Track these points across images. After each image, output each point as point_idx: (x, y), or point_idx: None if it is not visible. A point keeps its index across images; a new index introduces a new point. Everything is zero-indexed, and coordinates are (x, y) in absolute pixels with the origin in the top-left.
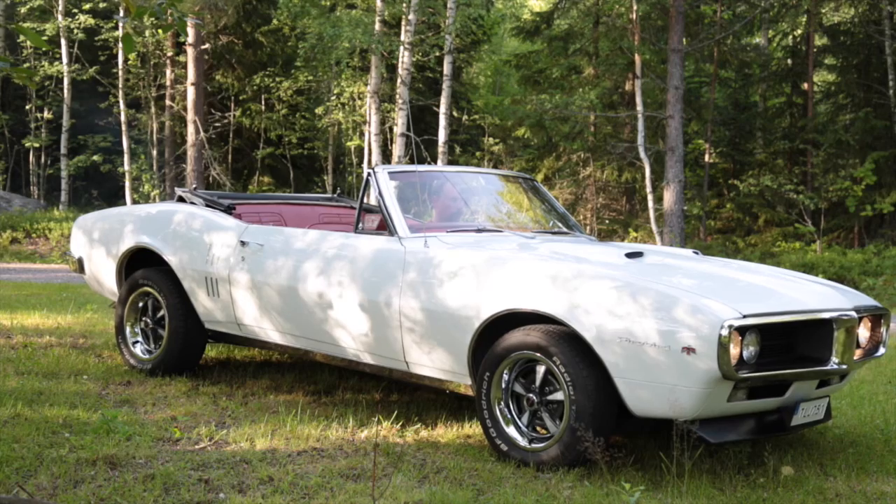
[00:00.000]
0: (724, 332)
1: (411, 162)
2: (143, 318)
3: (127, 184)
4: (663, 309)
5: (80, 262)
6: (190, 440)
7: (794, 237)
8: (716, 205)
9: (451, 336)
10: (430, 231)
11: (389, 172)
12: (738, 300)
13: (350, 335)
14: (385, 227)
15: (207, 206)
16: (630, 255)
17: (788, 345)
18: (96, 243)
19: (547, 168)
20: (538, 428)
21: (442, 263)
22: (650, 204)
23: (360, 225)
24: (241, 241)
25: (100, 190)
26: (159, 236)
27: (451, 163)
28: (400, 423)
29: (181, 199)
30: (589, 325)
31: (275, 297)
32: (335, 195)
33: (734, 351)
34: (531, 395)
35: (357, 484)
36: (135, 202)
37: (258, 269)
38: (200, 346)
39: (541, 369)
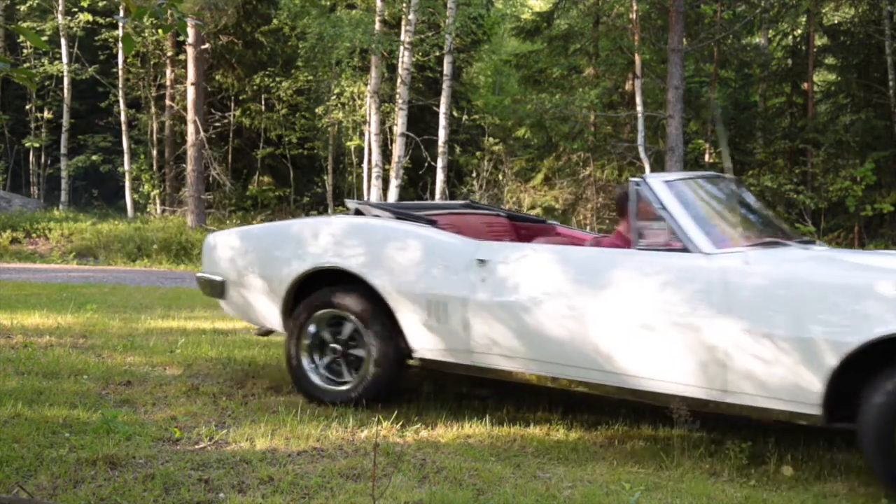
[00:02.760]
0: None
1: (412, 162)
2: (329, 346)
3: (127, 184)
4: None
5: (222, 285)
6: (190, 440)
7: None
8: None
9: (802, 363)
10: (730, 245)
11: (665, 182)
12: None
13: (644, 362)
14: (671, 243)
15: (399, 219)
16: None
17: None
18: (253, 264)
19: (547, 168)
20: None
21: (781, 283)
22: None
23: (640, 240)
24: (479, 260)
25: (100, 190)
26: (357, 256)
27: (450, 163)
28: (400, 423)
29: (358, 213)
30: None
31: (534, 323)
32: (470, 201)
33: None
34: None
35: (357, 484)
36: (135, 202)
37: (508, 292)
38: (402, 374)
39: None
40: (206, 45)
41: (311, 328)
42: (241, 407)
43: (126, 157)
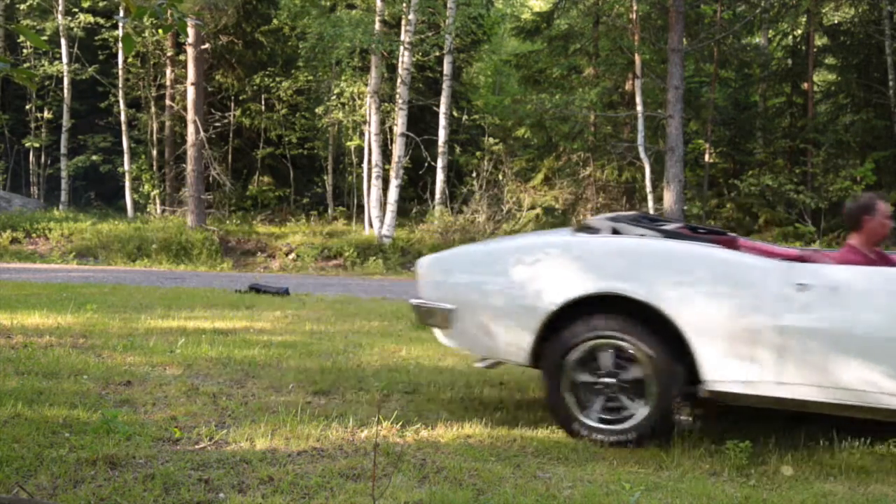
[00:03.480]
0: None
1: (412, 162)
2: (598, 380)
3: (127, 184)
4: None
5: (448, 314)
6: (190, 440)
7: (795, 237)
8: (716, 204)
9: None
10: None
11: None
12: None
13: None
14: None
15: (667, 236)
16: None
17: None
18: (499, 289)
19: (547, 168)
20: None
21: None
22: (650, 204)
23: None
24: (799, 284)
25: (100, 190)
26: (642, 281)
27: (450, 163)
28: (400, 423)
29: (615, 231)
30: None
31: (881, 352)
32: (641, 213)
33: None
34: None
35: (357, 484)
36: (135, 202)
37: (841, 318)
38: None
39: None
40: (206, 45)
41: (575, 359)
42: (241, 407)
43: (126, 157)
